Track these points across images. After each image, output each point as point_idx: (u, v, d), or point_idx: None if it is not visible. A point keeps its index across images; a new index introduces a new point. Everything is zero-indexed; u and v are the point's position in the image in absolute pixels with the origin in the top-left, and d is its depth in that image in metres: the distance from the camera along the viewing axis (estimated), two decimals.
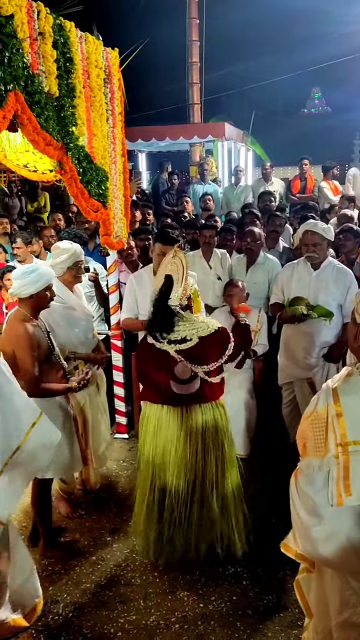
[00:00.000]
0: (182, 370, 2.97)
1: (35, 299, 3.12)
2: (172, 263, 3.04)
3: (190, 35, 11.67)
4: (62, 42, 3.49)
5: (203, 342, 2.97)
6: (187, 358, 2.94)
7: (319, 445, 1.87)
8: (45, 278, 3.11)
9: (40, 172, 4.18)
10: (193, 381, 3.00)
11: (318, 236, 3.97)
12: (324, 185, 8.66)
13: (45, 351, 3.17)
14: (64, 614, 2.99)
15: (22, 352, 3.04)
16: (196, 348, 2.95)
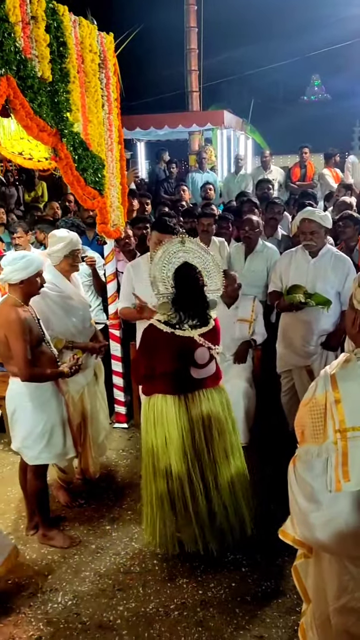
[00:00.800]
0: (201, 354, 3.07)
1: (25, 285, 3.12)
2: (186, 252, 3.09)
3: (188, 21, 11.50)
4: (55, 26, 3.44)
5: (215, 325, 3.15)
6: (209, 340, 3.08)
7: (317, 431, 1.85)
8: (35, 264, 3.10)
9: (35, 160, 4.13)
10: (210, 363, 3.12)
11: (315, 224, 3.93)
12: (326, 172, 8.58)
13: (37, 337, 3.16)
14: (63, 602, 3.00)
15: (13, 336, 3.04)
16: (213, 331, 3.12)
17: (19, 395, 3.23)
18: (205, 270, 3.12)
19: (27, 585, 3.12)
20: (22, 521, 3.66)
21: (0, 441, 4.72)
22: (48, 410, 3.26)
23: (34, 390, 3.21)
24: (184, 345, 3.03)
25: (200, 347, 3.05)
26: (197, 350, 3.05)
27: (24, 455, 3.36)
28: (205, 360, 3.08)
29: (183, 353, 3.04)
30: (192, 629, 2.79)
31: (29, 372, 3.09)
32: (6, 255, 3.28)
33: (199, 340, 3.04)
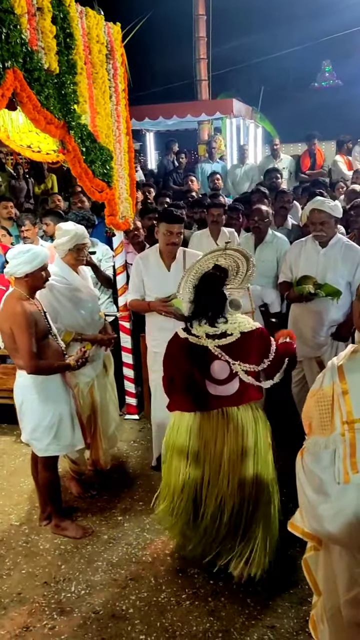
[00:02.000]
0: (219, 369, 2.76)
1: (30, 278, 3.13)
2: (225, 257, 2.88)
3: (197, 9, 11.38)
4: (62, 17, 3.41)
5: (244, 338, 2.75)
6: (227, 354, 2.73)
7: (324, 423, 1.85)
8: (40, 258, 3.11)
9: (44, 153, 4.13)
10: (231, 381, 2.77)
11: (325, 214, 3.89)
12: (338, 159, 8.51)
13: (43, 330, 3.18)
14: (76, 591, 3.04)
15: (19, 329, 3.06)
16: (237, 344, 2.73)
17: (26, 387, 3.26)
18: (235, 272, 2.90)
19: (40, 575, 3.17)
20: (35, 512, 3.70)
21: (13, 432, 4.77)
22: (55, 402, 3.28)
23: (41, 383, 3.23)
24: (199, 355, 2.78)
25: (217, 359, 2.75)
26: (213, 363, 2.77)
27: (33, 446, 3.39)
28: (223, 376, 2.76)
29: (198, 364, 2.78)
30: (203, 618, 2.81)
31: (34, 364, 3.11)
32: (11, 249, 3.29)
33: (215, 352, 2.73)
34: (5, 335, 3.19)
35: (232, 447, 2.80)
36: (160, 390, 3.99)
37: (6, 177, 8.71)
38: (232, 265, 2.90)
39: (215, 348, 2.73)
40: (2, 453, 4.53)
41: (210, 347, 2.74)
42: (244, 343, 2.73)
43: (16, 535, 3.52)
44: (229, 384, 2.78)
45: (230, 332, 2.76)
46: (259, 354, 2.78)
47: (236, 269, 2.93)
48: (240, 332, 2.74)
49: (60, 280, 3.56)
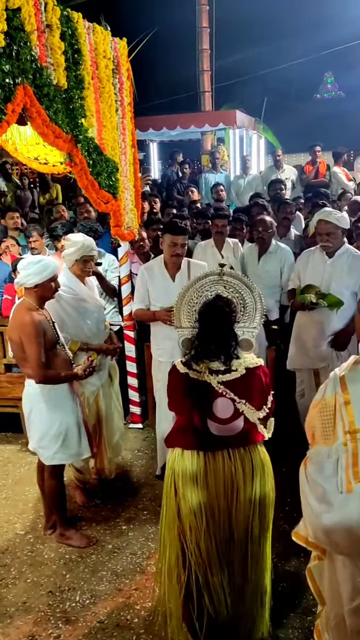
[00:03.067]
0: (222, 407, 2.49)
1: (40, 289, 3.18)
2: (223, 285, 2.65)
3: (200, 22, 11.54)
4: (70, 33, 3.49)
5: (249, 374, 2.50)
6: (232, 391, 2.48)
7: (327, 433, 1.88)
8: (49, 269, 3.16)
9: (51, 165, 4.20)
10: (236, 419, 2.50)
11: (332, 225, 3.93)
12: (337, 170, 8.57)
13: (51, 340, 3.22)
14: (81, 600, 3.05)
15: (28, 339, 3.10)
16: (242, 380, 2.48)
17: (34, 396, 3.30)
18: (242, 305, 2.65)
19: (45, 584, 3.19)
20: (40, 521, 3.72)
21: (18, 441, 4.80)
22: (63, 411, 3.32)
23: (49, 392, 3.27)
24: (200, 391, 2.50)
25: (220, 397, 2.48)
26: (216, 400, 2.48)
27: (40, 455, 3.42)
28: (227, 415, 2.48)
29: (199, 401, 2.51)
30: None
31: (43, 374, 3.15)
32: (22, 260, 3.34)
33: (218, 389, 2.46)
34: (15, 344, 3.23)
35: (242, 495, 2.51)
36: (165, 399, 4.02)
37: (12, 188, 8.79)
38: (236, 297, 2.64)
39: (219, 385, 2.47)
40: (7, 462, 4.56)
41: (213, 383, 2.48)
42: (248, 380, 2.50)
43: (21, 544, 3.54)
44: (233, 423, 2.51)
45: (235, 368, 2.49)
46: (260, 395, 2.54)
47: (242, 302, 2.65)
48: (245, 368, 2.50)
49: (67, 290, 3.60)
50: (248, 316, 2.66)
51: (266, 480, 2.57)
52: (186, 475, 2.52)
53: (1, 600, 3.08)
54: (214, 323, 2.54)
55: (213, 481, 2.50)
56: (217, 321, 2.54)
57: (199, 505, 2.50)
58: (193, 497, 2.50)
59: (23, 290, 3.25)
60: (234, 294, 2.66)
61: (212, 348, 2.50)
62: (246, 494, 2.50)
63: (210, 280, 2.68)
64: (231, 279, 2.68)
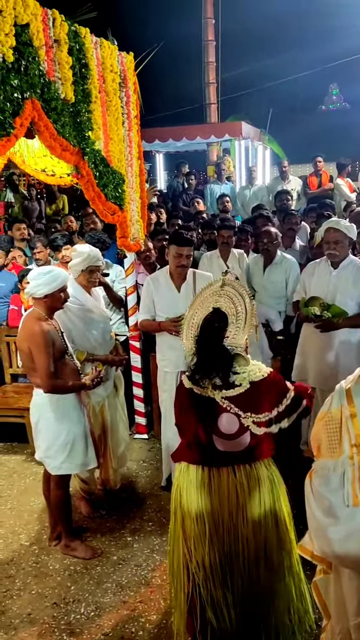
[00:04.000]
0: (228, 422, 2.45)
1: (49, 299, 3.20)
2: (222, 296, 2.59)
3: (206, 35, 11.67)
4: (78, 48, 3.54)
5: (255, 387, 2.45)
6: (236, 406, 2.44)
7: (333, 446, 1.87)
8: (59, 280, 3.19)
9: (58, 176, 4.23)
10: (242, 435, 2.46)
11: (340, 234, 3.93)
12: (340, 182, 8.59)
13: (60, 350, 3.24)
14: (85, 613, 3.04)
15: (37, 349, 3.12)
16: (247, 394, 2.44)
17: (42, 406, 3.31)
18: (234, 317, 2.59)
19: (50, 596, 3.18)
20: (45, 531, 3.72)
21: (24, 452, 4.80)
22: (70, 421, 3.33)
23: (56, 402, 3.28)
24: (205, 406, 2.48)
25: (225, 412, 2.44)
26: (221, 416, 2.45)
27: (47, 465, 3.42)
28: (232, 431, 2.44)
29: (204, 416, 2.47)
30: None
31: (51, 383, 3.17)
32: (32, 270, 3.37)
33: (222, 404, 2.44)
34: (24, 354, 3.26)
35: (249, 512, 2.49)
36: (170, 410, 4.02)
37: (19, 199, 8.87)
38: (230, 307, 2.60)
39: (223, 400, 2.45)
40: (13, 472, 4.56)
41: (217, 398, 2.45)
42: (254, 393, 2.45)
43: (26, 555, 3.53)
44: (239, 439, 2.47)
45: (239, 383, 2.46)
46: (271, 401, 2.49)
47: (234, 312, 2.60)
48: (249, 382, 2.46)
49: (73, 301, 3.62)
50: (237, 328, 2.59)
51: (275, 496, 2.52)
52: (190, 488, 2.51)
53: (6, 611, 3.07)
54: (205, 342, 2.51)
55: (216, 496, 2.48)
56: (208, 340, 2.51)
57: (201, 518, 2.47)
58: (195, 507, 2.48)
59: (31, 300, 3.28)
60: (229, 304, 2.60)
61: (208, 367, 2.46)
62: (253, 511, 2.47)
63: (212, 291, 2.63)
64: (230, 289, 2.61)
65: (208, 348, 2.49)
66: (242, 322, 2.59)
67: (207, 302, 2.62)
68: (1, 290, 5.32)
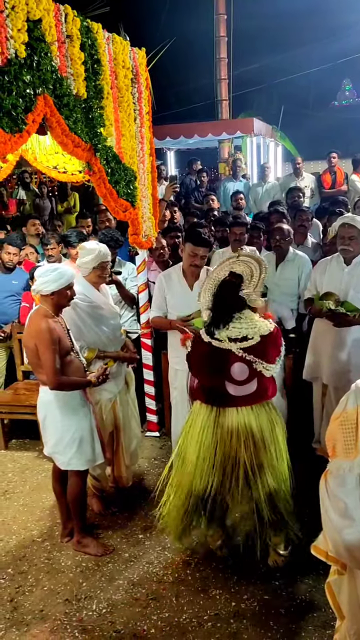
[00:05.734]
0: (239, 371, 2.94)
1: (56, 296, 3.20)
2: (238, 264, 3.02)
3: (218, 31, 11.59)
4: (90, 44, 3.52)
5: (264, 340, 2.96)
6: (253, 355, 2.95)
7: (349, 447, 1.85)
8: (66, 277, 3.19)
9: (69, 173, 4.24)
10: (251, 382, 2.97)
11: (355, 230, 3.89)
12: (355, 178, 8.49)
13: (66, 347, 3.24)
14: (97, 609, 3.04)
15: (43, 346, 3.13)
16: (258, 347, 2.95)
17: (49, 403, 3.32)
18: (249, 276, 3.06)
19: (62, 592, 3.18)
20: (56, 528, 3.73)
21: (35, 448, 4.82)
22: (77, 417, 3.34)
23: (62, 398, 3.29)
24: (220, 357, 2.97)
25: (238, 361, 2.94)
26: (234, 365, 2.95)
27: (56, 460, 3.44)
28: (243, 377, 2.96)
29: (218, 366, 2.98)
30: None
31: (57, 380, 3.17)
32: (39, 267, 3.37)
33: (238, 353, 2.93)
34: (30, 351, 3.26)
35: (248, 442, 2.99)
36: (181, 408, 4.02)
37: (31, 196, 8.90)
38: (247, 271, 3.05)
39: (239, 350, 2.93)
40: (25, 468, 4.58)
41: (233, 349, 2.93)
42: (263, 345, 2.96)
43: (38, 551, 3.54)
44: (248, 385, 2.97)
45: (251, 336, 2.95)
46: (274, 353, 3.01)
47: (250, 274, 3.07)
48: (260, 336, 2.96)
49: (83, 298, 3.62)
50: (253, 284, 3.08)
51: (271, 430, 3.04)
52: (197, 421, 3.08)
53: (18, 608, 3.08)
54: (224, 292, 3.01)
55: (220, 429, 3.01)
56: (227, 290, 3.01)
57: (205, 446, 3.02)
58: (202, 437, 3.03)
59: (39, 297, 3.28)
60: (245, 269, 3.04)
61: (224, 313, 2.97)
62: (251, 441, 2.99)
63: (230, 262, 3.03)
64: (245, 257, 3.04)
65: (226, 296, 3.00)
66: (256, 282, 3.06)
67: (223, 270, 3.03)
68: (14, 287, 5.33)
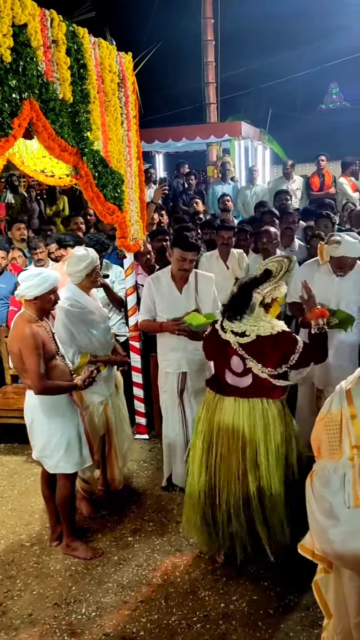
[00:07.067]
0: (236, 363, 3.08)
1: (39, 301, 3.20)
2: (277, 262, 3.11)
3: (206, 35, 11.66)
4: (76, 48, 3.53)
5: (261, 341, 3.00)
6: (246, 352, 3.03)
7: (333, 448, 1.87)
8: (49, 281, 3.19)
9: (57, 177, 4.22)
10: (246, 375, 3.08)
11: (352, 259, 3.83)
12: (343, 181, 8.59)
13: (50, 351, 3.24)
14: (86, 613, 3.04)
15: (27, 351, 3.13)
16: (253, 345, 3.02)
17: (35, 407, 3.32)
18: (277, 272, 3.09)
19: (51, 596, 3.18)
20: (45, 532, 3.72)
21: (24, 452, 4.80)
22: (63, 421, 3.34)
23: (48, 402, 3.29)
24: (222, 346, 3.12)
25: (235, 354, 3.06)
26: (233, 357, 3.08)
27: (44, 464, 3.43)
28: (239, 370, 3.08)
29: (222, 354, 3.15)
30: None
31: (42, 385, 3.17)
32: (23, 272, 3.37)
33: (234, 346, 3.04)
34: (15, 355, 3.25)
35: (238, 435, 3.08)
36: (171, 411, 4.03)
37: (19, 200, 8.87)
38: (278, 268, 3.10)
39: (235, 344, 3.04)
40: (13, 472, 4.56)
41: (231, 341, 3.06)
42: (259, 345, 3.00)
43: (27, 555, 3.53)
44: (244, 378, 3.08)
45: (248, 333, 3.03)
46: (277, 358, 3.00)
47: (279, 270, 3.10)
48: (256, 335, 3.01)
49: (74, 304, 3.62)
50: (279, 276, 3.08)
51: (270, 427, 3.05)
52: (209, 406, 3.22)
53: (7, 612, 3.08)
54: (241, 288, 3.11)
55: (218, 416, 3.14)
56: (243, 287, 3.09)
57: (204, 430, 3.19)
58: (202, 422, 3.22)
59: (24, 301, 3.27)
60: (277, 266, 3.08)
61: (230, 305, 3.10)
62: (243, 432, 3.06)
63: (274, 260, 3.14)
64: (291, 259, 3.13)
65: (239, 291, 3.10)
66: (282, 274, 3.07)
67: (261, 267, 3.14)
68: (1, 291, 5.32)
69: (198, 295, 3.90)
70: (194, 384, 3.94)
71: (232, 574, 3.24)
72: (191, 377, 3.94)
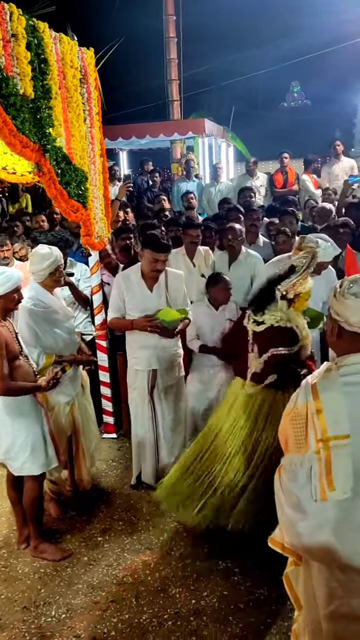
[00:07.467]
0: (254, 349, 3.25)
1: (2, 300, 3.15)
2: (303, 257, 3.18)
3: (168, 32, 11.64)
4: (36, 43, 3.47)
5: (271, 331, 3.15)
6: (255, 340, 3.20)
7: (299, 441, 1.89)
8: (12, 280, 3.14)
9: (19, 174, 4.15)
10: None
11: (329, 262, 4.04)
12: (305, 178, 8.71)
13: (14, 352, 3.19)
14: (56, 615, 3.00)
15: None
16: (264, 334, 3.16)
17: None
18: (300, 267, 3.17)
19: (20, 600, 3.13)
20: (13, 535, 3.66)
21: None
22: (27, 422, 3.29)
23: (11, 403, 3.25)
24: (243, 333, 3.31)
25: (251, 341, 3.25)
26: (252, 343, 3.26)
27: (9, 466, 3.38)
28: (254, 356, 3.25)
29: (245, 341, 3.30)
30: (186, 638, 2.81)
31: (5, 386, 3.12)
32: None
33: (250, 335, 3.23)
34: None
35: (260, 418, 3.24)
36: (141, 408, 4.01)
37: None
38: (301, 262, 3.19)
39: (252, 332, 3.22)
40: None
41: (249, 328, 3.24)
42: (269, 335, 3.15)
43: None
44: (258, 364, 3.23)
45: (265, 322, 3.17)
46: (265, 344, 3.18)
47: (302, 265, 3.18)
48: (270, 324, 3.15)
49: (37, 303, 3.56)
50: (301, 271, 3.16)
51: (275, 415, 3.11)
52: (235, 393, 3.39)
53: None
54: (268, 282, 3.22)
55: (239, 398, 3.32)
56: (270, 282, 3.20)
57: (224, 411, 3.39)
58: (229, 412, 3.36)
59: None
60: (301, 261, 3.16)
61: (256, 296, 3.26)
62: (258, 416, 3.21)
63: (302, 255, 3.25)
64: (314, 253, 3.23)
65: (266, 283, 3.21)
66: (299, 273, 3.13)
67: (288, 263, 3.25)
68: None
69: (169, 293, 3.90)
70: (165, 381, 3.94)
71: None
72: (162, 375, 3.93)
